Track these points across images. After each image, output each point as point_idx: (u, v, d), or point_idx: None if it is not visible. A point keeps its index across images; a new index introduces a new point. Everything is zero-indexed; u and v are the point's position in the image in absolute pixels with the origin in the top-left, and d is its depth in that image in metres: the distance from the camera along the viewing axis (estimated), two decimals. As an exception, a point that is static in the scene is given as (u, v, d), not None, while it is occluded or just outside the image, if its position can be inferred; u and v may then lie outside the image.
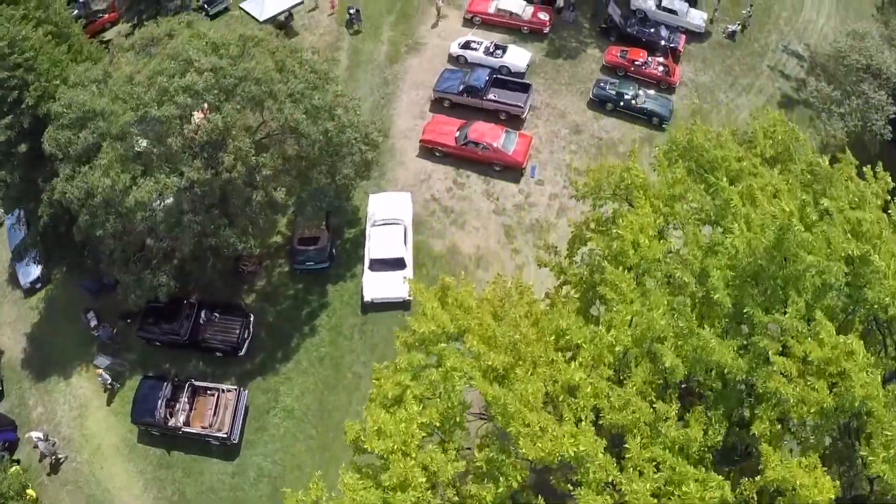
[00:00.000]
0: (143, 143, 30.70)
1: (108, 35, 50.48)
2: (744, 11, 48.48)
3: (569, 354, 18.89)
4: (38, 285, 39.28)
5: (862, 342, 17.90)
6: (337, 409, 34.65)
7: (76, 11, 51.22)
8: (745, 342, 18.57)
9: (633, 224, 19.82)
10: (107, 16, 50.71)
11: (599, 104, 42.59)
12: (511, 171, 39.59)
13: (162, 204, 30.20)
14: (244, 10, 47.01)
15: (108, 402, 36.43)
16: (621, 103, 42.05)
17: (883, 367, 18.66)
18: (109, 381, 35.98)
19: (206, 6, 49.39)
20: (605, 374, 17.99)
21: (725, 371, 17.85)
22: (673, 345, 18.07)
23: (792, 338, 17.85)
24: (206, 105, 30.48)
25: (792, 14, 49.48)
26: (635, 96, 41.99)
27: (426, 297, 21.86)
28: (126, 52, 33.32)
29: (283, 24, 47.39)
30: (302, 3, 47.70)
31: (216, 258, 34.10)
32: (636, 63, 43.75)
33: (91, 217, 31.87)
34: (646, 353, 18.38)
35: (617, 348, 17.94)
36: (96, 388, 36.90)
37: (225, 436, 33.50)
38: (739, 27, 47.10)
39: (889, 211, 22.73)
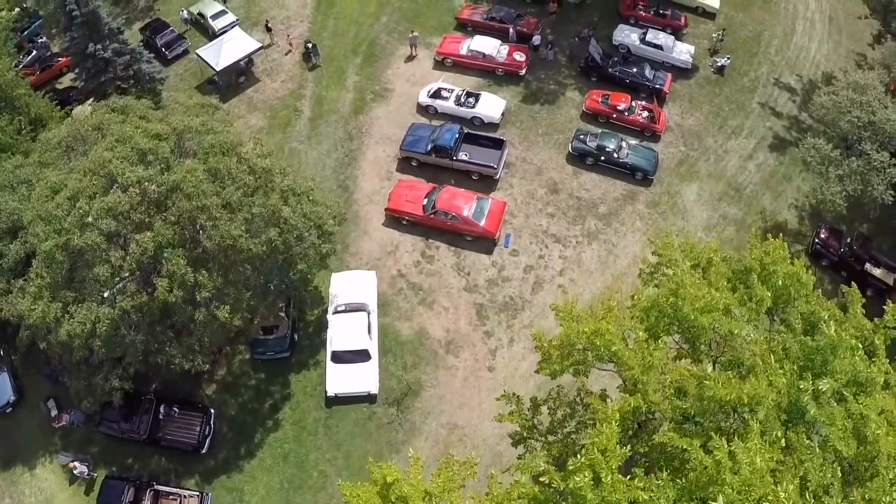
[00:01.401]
0: (89, 218, 26.71)
1: (65, 81, 46.27)
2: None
3: None
4: (9, 410, 34.95)
5: None
6: (304, 510, 31.70)
7: (34, 52, 47.15)
8: None
9: (596, 445, 16.19)
10: (63, 60, 46.17)
11: (579, 158, 38.14)
12: (484, 239, 35.61)
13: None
14: (201, 58, 42.45)
15: (87, 492, 33.45)
16: (602, 157, 37.63)
17: None
18: (87, 473, 33.10)
19: (163, 50, 44.90)
20: None
21: None
22: None
23: None
24: None
25: (783, 41, 44.54)
26: (618, 149, 37.52)
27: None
28: (53, 149, 29.24)
29: (242, 70, 42.93)
30: (261, 47, 43.08)
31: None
32: (619, 109, 39.13)
33: (31, 331, 28.53)
34: None
35: None
36: (61, 481, 33.82)
37: (188, 544, 30.72)
38: (729, 61, 42.28)
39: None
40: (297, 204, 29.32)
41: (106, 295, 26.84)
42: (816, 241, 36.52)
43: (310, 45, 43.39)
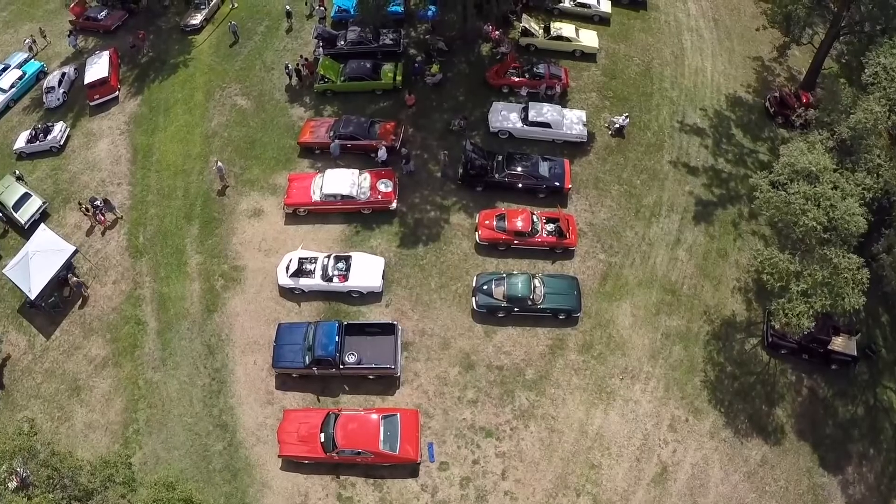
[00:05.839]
0: None
1: None
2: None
3: None
4: None
5: None
6: None
7: None
8: None
9: None
10: None
11: (488, 313, 27.48)
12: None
13: None
14: (10, 280, 29.39)
15: None
16: (516, 308, 27.04)
17: None
18: None
19: (-35, 261, 31.57)
20: None
21: None
22: None
23: None
24: None
25: (675, 68, 33.51)
26: (531, 293, 26.89)
27: None
28: None
29: (65, 279, 30.04)
30: (77, 251, 30.01)
31: None
32: (520, 233, 28.07)
33: None
34: None
35: None
36: None
37: None
38: (627, 120, 30.99)
39: None
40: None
41: None
42: (771, 333, 27.44)
43: (98, 202, 31.10)
